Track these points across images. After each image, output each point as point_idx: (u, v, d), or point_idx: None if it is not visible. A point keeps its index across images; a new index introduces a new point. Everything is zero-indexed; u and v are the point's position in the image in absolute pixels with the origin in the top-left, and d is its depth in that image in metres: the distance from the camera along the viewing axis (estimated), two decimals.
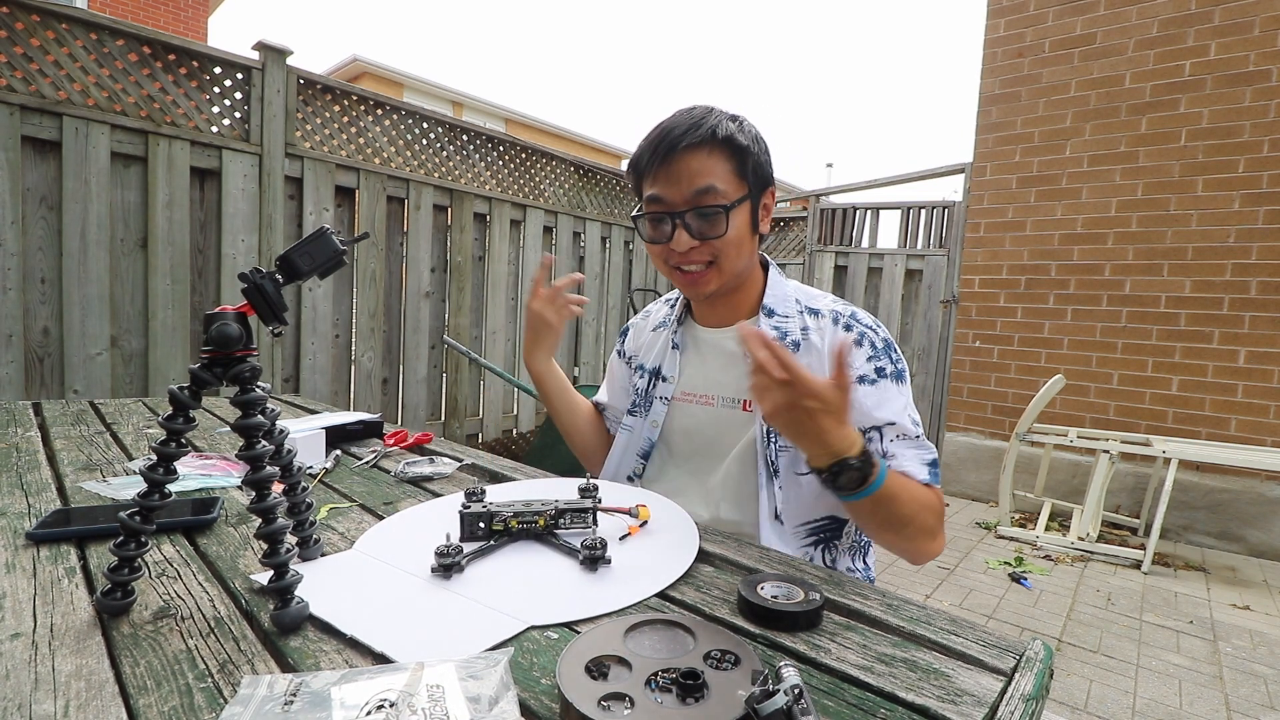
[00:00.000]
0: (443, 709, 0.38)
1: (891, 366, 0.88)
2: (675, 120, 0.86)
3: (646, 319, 1.12)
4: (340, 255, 0.57)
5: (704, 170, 0.84)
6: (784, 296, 0.95)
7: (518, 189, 3.70)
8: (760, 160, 0.88)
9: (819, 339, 0.90)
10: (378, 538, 0.70)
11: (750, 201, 0.88)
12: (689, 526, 0.74)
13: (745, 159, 0.86)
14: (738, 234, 0.87)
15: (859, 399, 0.86)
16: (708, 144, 0.84)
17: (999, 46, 3.76)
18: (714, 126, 0.84)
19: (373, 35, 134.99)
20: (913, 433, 0.86)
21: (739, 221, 0.87)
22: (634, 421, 1.04)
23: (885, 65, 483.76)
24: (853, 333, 0.89)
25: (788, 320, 0.92)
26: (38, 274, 2.15)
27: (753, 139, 0.87)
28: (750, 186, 0.87)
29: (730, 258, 0.88)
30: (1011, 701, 0.45)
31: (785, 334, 0.91)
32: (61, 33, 2.12)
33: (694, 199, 0.84)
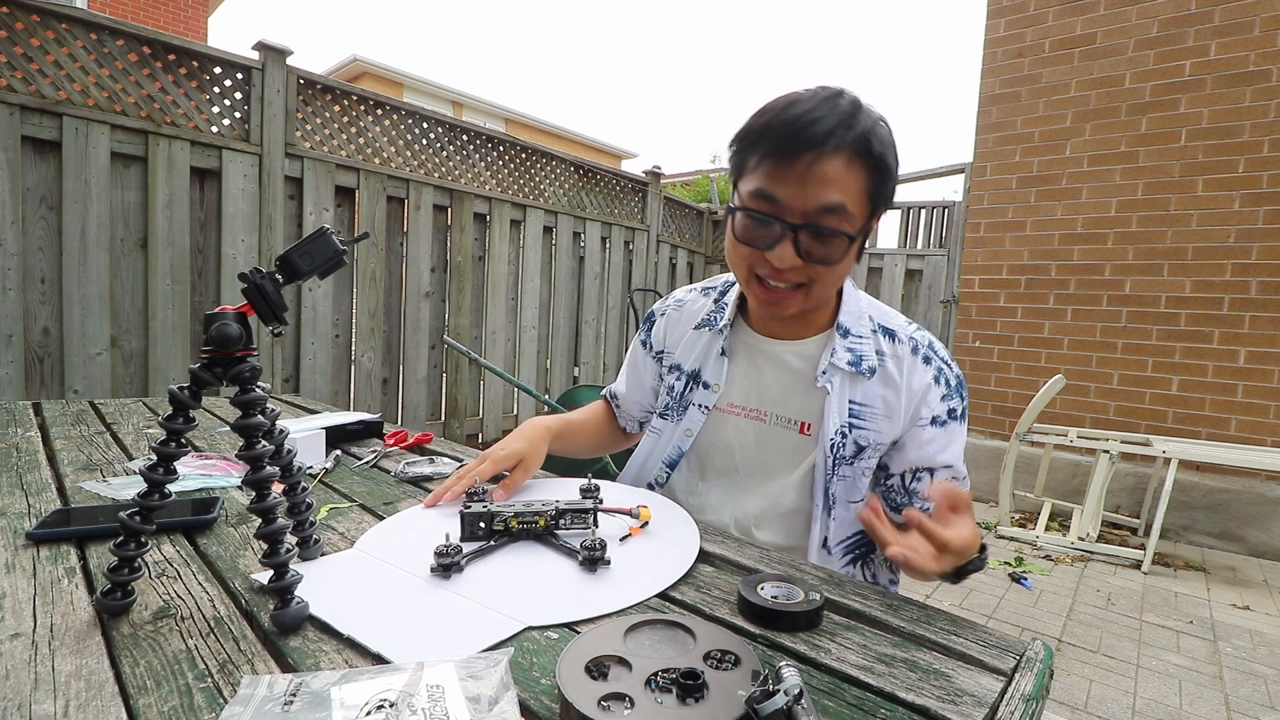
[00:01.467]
0: (443, 709, 0.38)
1: (960, 406, 0.86)
2: (817, 106, 0.70)
3: (681, 309, 1.00)
4: (340, 255, 0.57)
5: (839, 183, 0.70)
6: (858, 314, 0.87)
7: (518, 189, 3.69)
8: (894, 184, 0.77)
9: (896, 368, 0.84)
10: (378, 537, 0.70)
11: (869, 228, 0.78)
12: (690, 528, 0.74)
13: (884, 181, 0.74)
14: (847, 262, 0.77)
15: (925, 440, 0.83)
16: (853, 151, 0.70)
17: (999, 46, 3.76)
18: (868, 132, 0.70)
19: (373, 35, 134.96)
20: (962, 473, 0.86)
21: (852, 248, 0.76)
22: (664, 425, 0.97)
23: (885, 65, 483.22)
24: (931, 367, 0.84)
25: (862, 341, 0.85)
26: (38, 274, 2.15)
27: (890, 153, 0.74)
28: (874, 211, 0.76)
29: (827, 285, 0.78)
30: (1011, 701, 0.45)
31: (860, 358, 0.84)
32: (61, 33, 2.12)
33: (816, 215, 0.71)
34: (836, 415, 0.83)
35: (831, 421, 0.83)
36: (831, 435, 0.83)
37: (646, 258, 4.69)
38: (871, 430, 0.83)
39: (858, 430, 0.83)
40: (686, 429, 0.93)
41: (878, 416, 0.83)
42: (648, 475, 0.97)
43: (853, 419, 0.83)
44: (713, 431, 0.92)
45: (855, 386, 0.84)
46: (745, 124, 0.75)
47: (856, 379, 0.84)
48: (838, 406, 0.83)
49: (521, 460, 0.86)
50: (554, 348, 4.07)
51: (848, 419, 0.83)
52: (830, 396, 0.83)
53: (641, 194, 4.59)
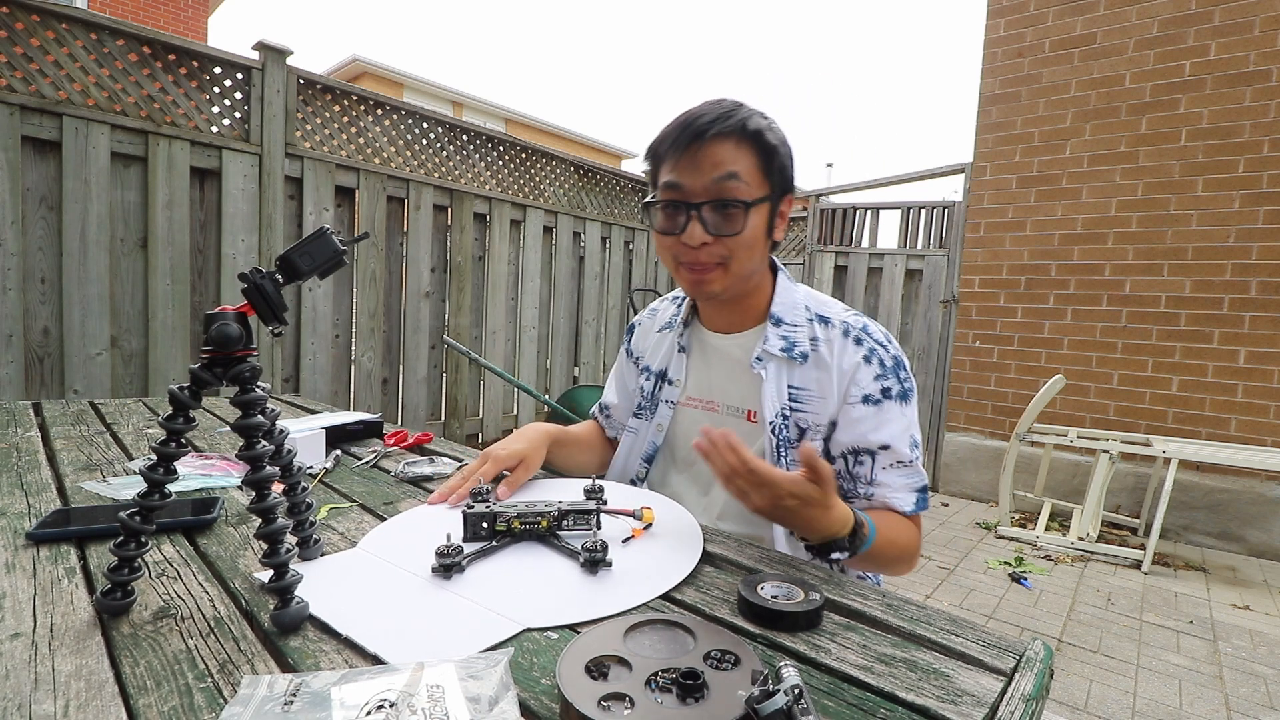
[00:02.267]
0: (443, 709, 0.38)
1: (898, 386, 0.86)
2: (704, 108, 0.83)
3: (654, 317, 1.09)
4: (340, 255, 0.57)
5: (729, 160, 0.80)
6: (793, 304, 0.92)
7: (518, 189, 3.69)
8: (785, 163, 0.85)
9: (828, 351, 0.88)
10: (381, 537, 0.70)
11: (770, 203, 0.85)
12: (694, 531, 0.73)
13: (773, 158, 0.83)
14: (753, 234, 0.83)
15: (857, 419, 0.85)
16: (737, 135, 0.80)
17: (999, 46, 3.76)
18: (745, 119, 0.81)
19: (373, 35, 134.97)
20: (908, 457, 0.85)
21: (756, 221, 0.83)
22: (639, 424, 1.03)
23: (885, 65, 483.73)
24: (863, 348, 0.87)
25: (796, 329, 0.90)
26: (38, 274, 2.15)
27: (781, 140, 0.84)
28: (772, 188, 0.84)
29: (741, 259, 0.84)
30: (1011, 701, 0.45)
31: (793, 344, 0.89)
32: (61, 33, 2.12)
33: (715, 188, 0.80)
34: (775, 399, 0.88)
35: (770, 405, 0.88)
36: (771, 419, 0.88)
37: (646, 258, 4.69)
38: (809, 412, 0.88)
39: (797, 413, 0.88)
40: (658, 424, 0.99)
41: (814, 399, 0.88)
42: (629, 473, 1.02)
43: (792, 402, 0.88)
44: (679, 425, 0.99)
45: (792, 372, 0.89)
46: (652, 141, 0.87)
47: (792, 364, 0.89)
48: (775, 391, 0.88)
49: (523, 460, 0.88)
50: (554, 348, 4.07)
51: (787, 402, 0.88)
52: (766, 382, 0.88)
53: (641, 194, 4.59)
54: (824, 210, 4.60)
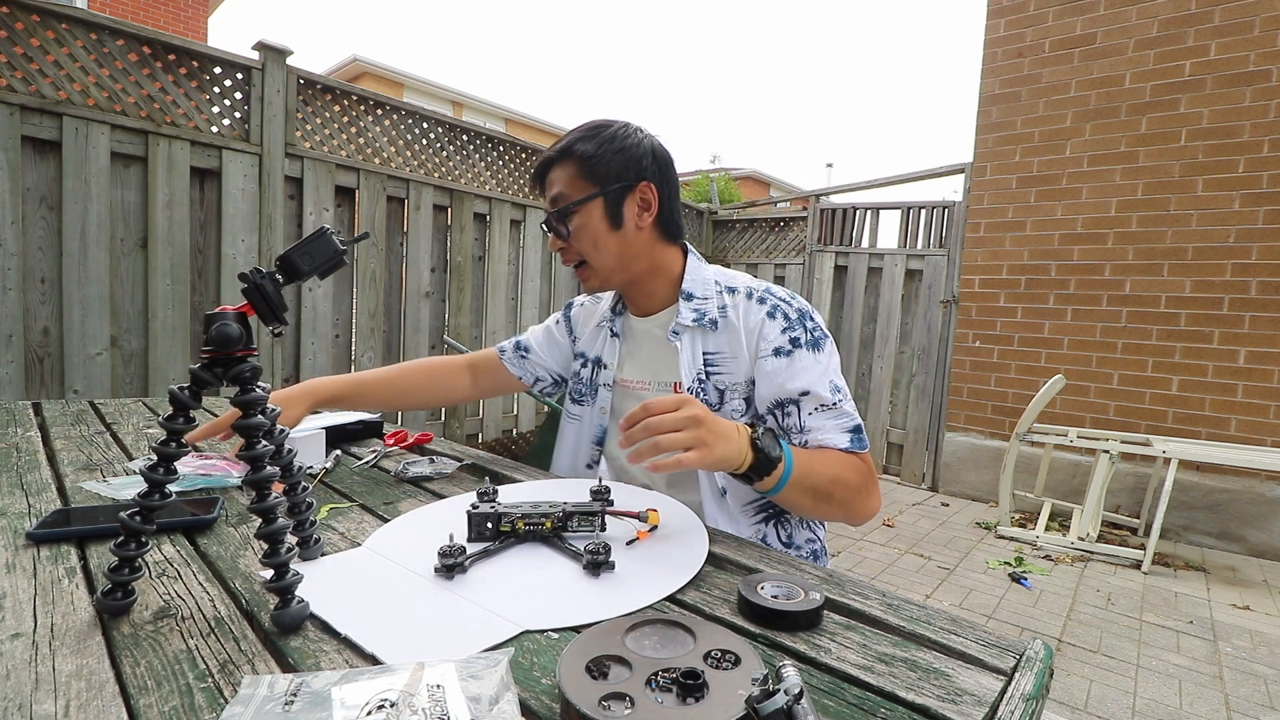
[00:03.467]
0: (443, 709, 0.38)
1: (807, 335, 0.91)
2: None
3: (596, 304, 1.15)
4: (340, 255, 0.57)
5: (554, 181, 0.95)
6: (703, 280, 0.98)
7: (518, 189, 3.69)
8: (609, 161, 0.92)
9: (735, 314, 0.94)
10: (387, 536, 0.70)
11: (603, 199, 0.93)
12: (699, 533, 0.73)
13: (588, 163, 0.92)
14: (590, 233, 0.93)
15: (770, 371, 0.89)
16: (556, 159, 0.95)
17: (999, 46, 3.76)
18: (562, 143, 0.95)
19: (373, 35, 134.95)
20: (830, 400, 0.88)
21: (589, 220, 0.93)
22: (581, 410, 1.09)
23: (885, 65, 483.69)
24: (765, 305, 0.93)
25: (706, 301, 0.96)
26: (38, 274, 2.15)
27: (600, 143, 0.92)
28: (600, 186, 0.92)
29: (590, 255, 0.95)
30: (1011, 701, 0.45)
31: (704, 314, 0.95)
32: (61, 33, 2.12)
33: (551, 205, 0.96)
34: (690, 366, 0.95)
35: (686, 373, 0.95)
36: (689, 384, 0.94)
37: None
38: (725, 374, 0.94)
39: (714, 376, 0.94)
40: (601, 407, 1.06)
41: (727, 360, 0.94)
42: (581, 459, 1.07)
43: (708, 367, 0.95)
44: (620, 404, 1.05)
45: (705, 339, 0.96)
46: None
47: (704, 332, 0.96)
48: (689, 359, 0.95)
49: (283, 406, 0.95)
50: None
51: (702, 367, 0.95)
52: (681, 351, 0.95)
53: None
54: (824, 210, 4.60)
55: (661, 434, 0.69)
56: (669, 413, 0.69)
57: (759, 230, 4.96)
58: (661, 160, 0.97)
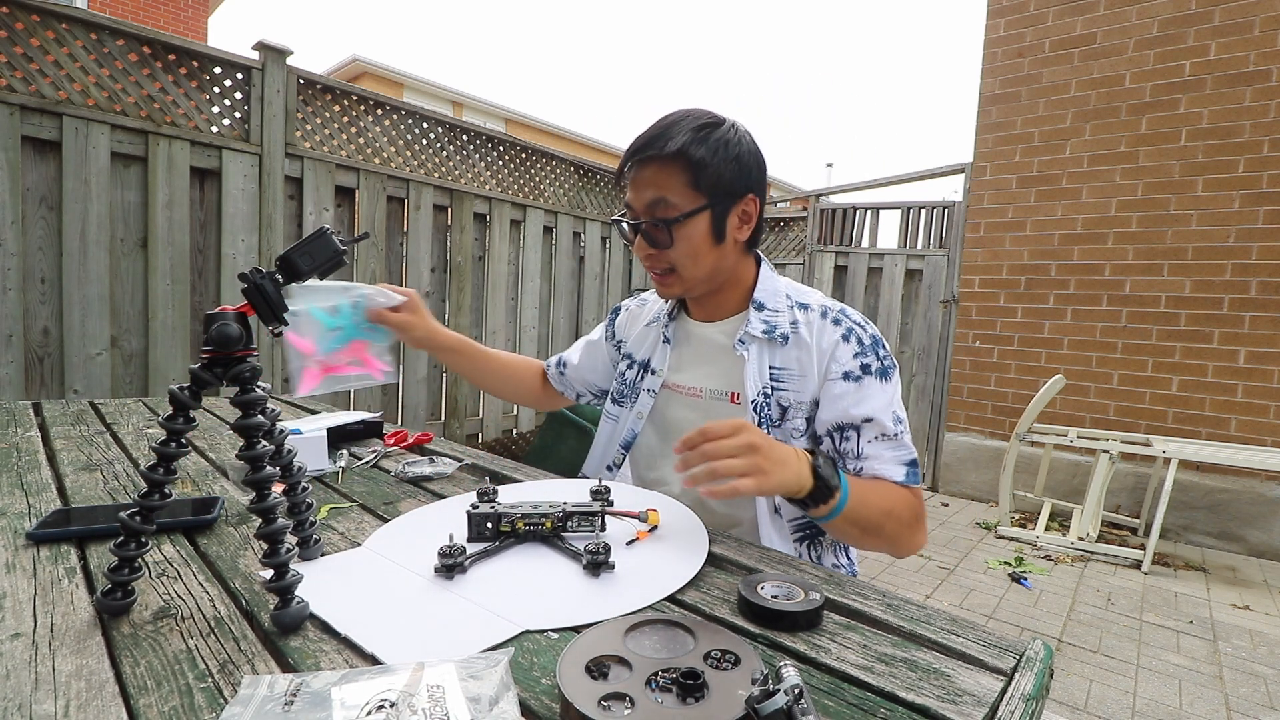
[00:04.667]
0: (443, 709, 0.38)
1: (877, 363, 0.89)
2: (648, 130, 0.88)
3: (643, 307, 1.13)
4: (340, 255, 0.57)
5: (657, 183, 0.86)
6: (774, 291, 0.96)
7: (518, 189, 3.69)
8: (722, 170, 0.86)
9: (808, 332, 0.92)
10: (386, 537, 0.70)
11: (711, 211, 0.88)
12: (699, 534, 0.73)
13: (701, 171, 0.86)
14: (691, 245, 0.88)
15: (838, 395, 0.88)
16: (662, 157, 0.86)
17: (999, 46, 3.76)
18: (671, 138, 0.85)
19: (373, 35, 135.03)
20: (892, 431, 0.87)
21: (693, 233, 0.88)
22: (619, 412, 1.06)
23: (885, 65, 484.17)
24: (840, 328, 0.91)
25: (777, 314, 0.94)
26: (38, 274, 2.15)
27: (713, 149, 0.86)
28: (709, 198, 0.87)
29: (686, 267, 0.90)
30: (1011, 701, 0.45)
31: (774, 327, 0.93)
32: (61, 33, 2.12)
33: (648, 210, 0.88)
34: (756, 379, 0.91)
35: (751, 385, 0.91)
36: (753, 397, 0.91)
37: None
38: (791, 391, 0.91)
39: (779, 392, 0.91)
40: (639, 413, 1.03)
41: (795, 377, 0.91)
42: (607, 459, 1.06)
43: (773, 382, 0.92)
44: (664, 411, 1.02)
45: (773, 353, 0.93)
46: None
47: (773, 346, 0.93)
48: (756, 371, 0.92)
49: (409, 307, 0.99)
50: (554, 348, 4.07)
51: (768, 381, 0.92)
52: (748, 362, 0.92)
53: None
54: (824, 210, 4.60)
55: (718, 460, 0.67)
56: (726, 438, 0.68)
57: (761, 232, 4.94)
58: (764, 168, 0.92)
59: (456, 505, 0.80)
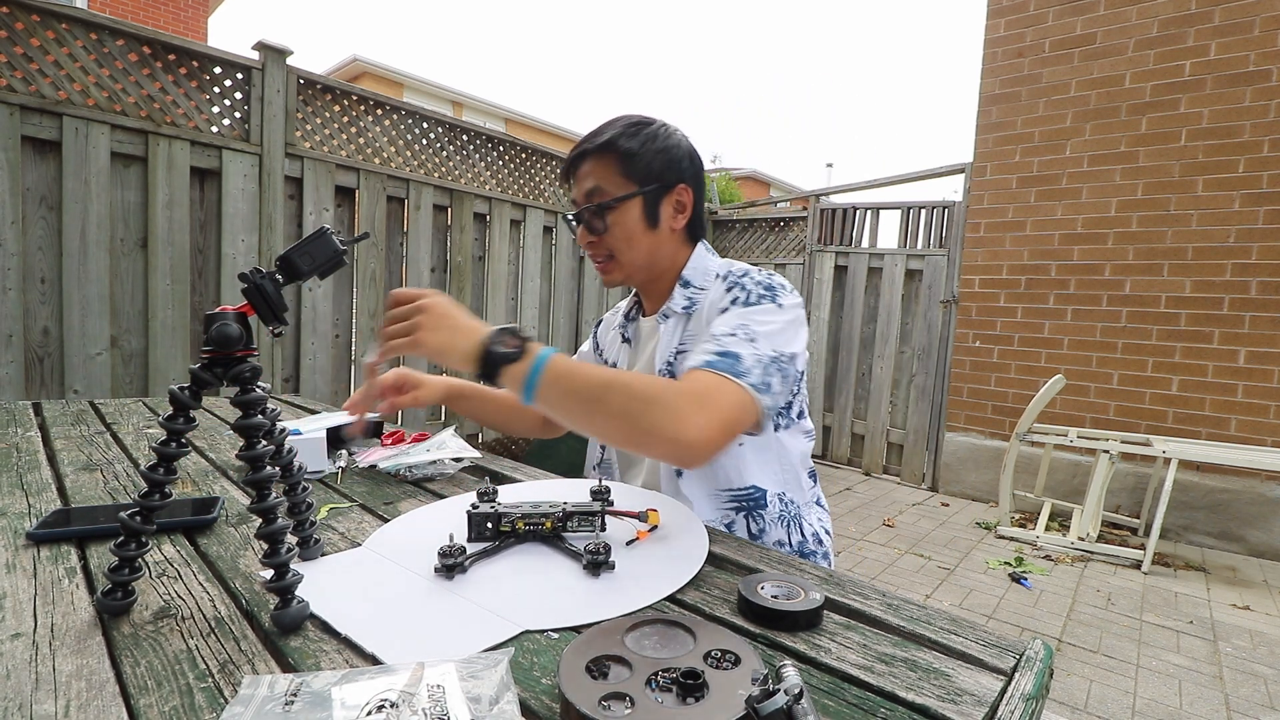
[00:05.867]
0: (443, 709, 0.38)
1: (744, 295, 0.88)
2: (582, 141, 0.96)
3: (615, 314, 1.17)
4: (340, 255, 0.57)
5: (590, 174, 0.93)
6: (704, 270, 0.99)
7: (518, 189, 3.69)
8: (651, 160, 0.92)
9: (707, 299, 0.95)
10: (387, 536, 0.70)
11: (643, 198, 0.93)
12: (699, 534, 0.73)
13: (631, 160, 0.92)
14: (625, 230, 0.93)
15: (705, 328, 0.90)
16: (595, 151, 0.93)
17: (999, 46, 3.76)
18: (603, 134, 0.93)
19: (373, 35, 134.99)
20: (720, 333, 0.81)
21: (626, 218, 0.93)
22: None
23: (885, 65, 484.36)
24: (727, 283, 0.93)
25: (703, 291, 0.97)
26: (38, 274, 2.15)
27: (643, 141, 0.92)
28: (639, 185, 0.92)
29: (622, 251, 0.94)
30: (1011, 701, 0.45)
31: (693, 303, 0.97)
32: (61, 33, 2.12)
33: (585, 199, 0.94)
34: (666, 350, 0.96)
35: (660, 357, 0.96)
36: (659, 366, 0.96)
37: None
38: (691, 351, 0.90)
39: (682, 356, 0.94)
40: None
41: (695, 339, 0.94)
42: (593, 459, 1.11)
43: (680, 348, 0.96)
44: None
45: (687, 325, 0.97)
46: None
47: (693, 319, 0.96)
48: (667, 343, 0.96)
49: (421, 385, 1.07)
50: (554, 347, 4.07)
51: (674, 349, 0.96)
52: (662, 335, 0.97)
53: None
54: (824, 210, 4.60)
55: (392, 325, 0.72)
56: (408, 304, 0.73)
57: (759, 230, 4.96)
58: (697, 164, 0.98)
59: (456, 505, 0.80)
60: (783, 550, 0.96)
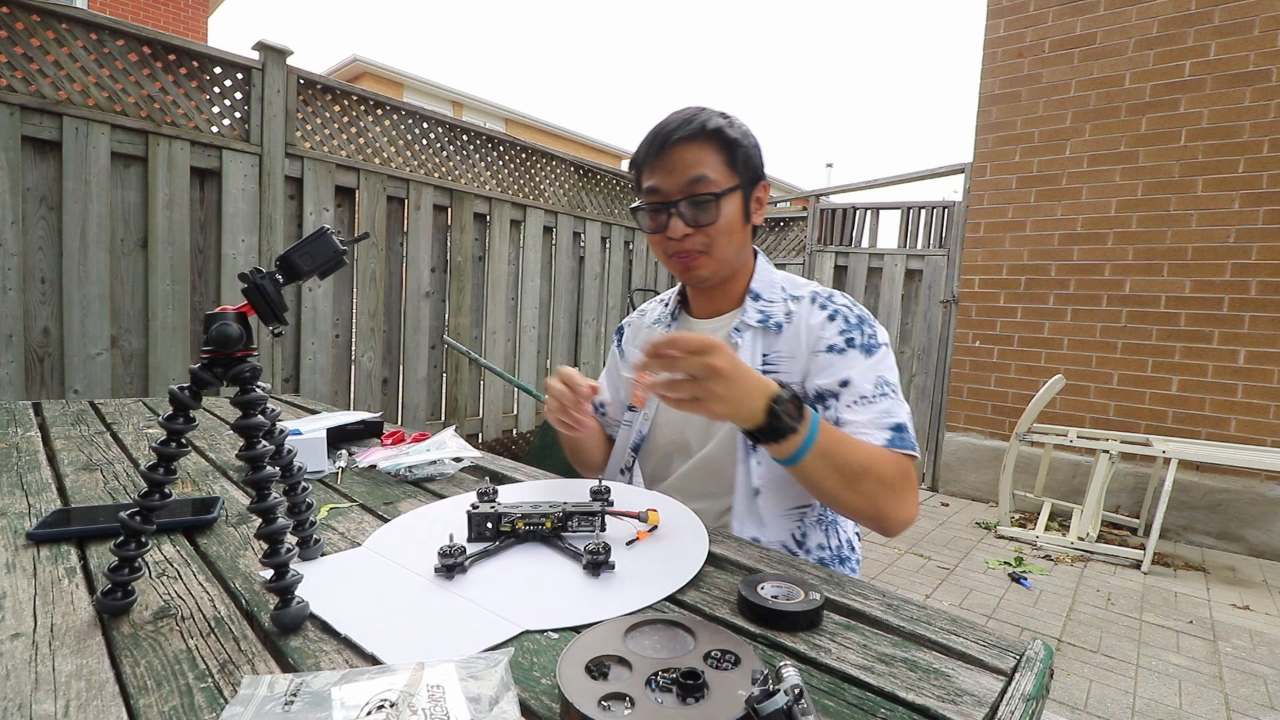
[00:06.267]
0: (443, 709, 0.38)
1: (862, 338, 0.90)
2: (670, 118, 0.91)
3: (643, 317, 1.14)
4: (340, 255, 0.57)
5: (696, 161, 0.88)
6: (770, 283, 0.98)
7: (518, 189, 3.69)
8: (750, 153, 0.92)
9: (799, 318, 0.94)
10: (387, 536, 0.70)
11: (741, 192, 0.92)
12: (699, 534, 0.72)
13: (735, 151, 0.90)
14: (728, 222, 0.91)
15: (822, 366, 0.90)
16: (699, 137, 0.88)
17: (999, 46, 3.76)
18: (704, 121, 0.89)
19: (373, 35, 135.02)
20: (871, 394, 0.86)
21: (730, 210, 0.90)
22: (632, 416, 1.08)
23: (885, 65, 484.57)
24: (826, 310, 0.93)
25: (772, 305, 0.96)
26: (38, 274, 2.15)
27: (742, 134, 0.91)
28: (741, 177, 0.91)
29: (722, 245, 0.91)
30: (1012, 701, 0.45)
31: (769, 316, 0.95)
32: (61, 33, 2.12)
33: (687, 188, 0.89)
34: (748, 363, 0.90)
35: None
36: None
37: (646, 258, 4.69)
38: (782, 374, 0.92)
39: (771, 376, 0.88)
40: (645, 414, 1.04)
41: (785, 360, 0.93)
42: (619, 464, 1.07)
43: (765, 366, 0.93)
44: (665, 411, 1.02)
45: (767, 341, 0.95)
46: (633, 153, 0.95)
47: (768, 334, 0.95)
48: (749, 358, 0.93)
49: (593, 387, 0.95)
50: (554, 348, 4.07)
51: (760, 367, 0.93)
52: (741, 350, 0.94)
53: None
54: (824, 210, 4.60)
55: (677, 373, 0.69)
56: (693, 354, 0.67)
57: (759, 230, 4.95)
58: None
59: (456, 505, 0.80)
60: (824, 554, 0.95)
